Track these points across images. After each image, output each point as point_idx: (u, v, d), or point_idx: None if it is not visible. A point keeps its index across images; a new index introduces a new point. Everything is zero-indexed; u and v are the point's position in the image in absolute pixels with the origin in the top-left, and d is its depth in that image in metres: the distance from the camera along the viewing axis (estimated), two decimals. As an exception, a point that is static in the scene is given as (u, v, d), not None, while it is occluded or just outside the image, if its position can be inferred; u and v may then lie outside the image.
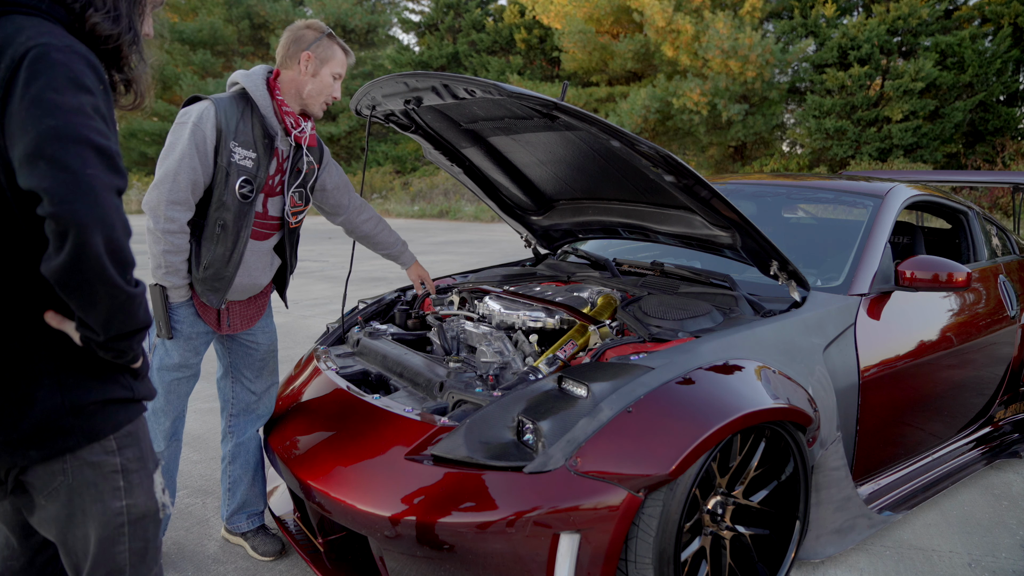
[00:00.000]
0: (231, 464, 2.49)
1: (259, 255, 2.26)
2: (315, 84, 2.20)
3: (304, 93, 2.20)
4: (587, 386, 1.88)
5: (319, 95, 2.22)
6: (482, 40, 25.39)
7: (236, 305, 2.31)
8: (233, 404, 2.47)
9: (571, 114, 1.96)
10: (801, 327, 2.35)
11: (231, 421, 2.48)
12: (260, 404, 2.48)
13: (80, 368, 1.21)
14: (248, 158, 2.11)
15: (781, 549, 2.20)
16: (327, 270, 9.58)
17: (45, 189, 1.01)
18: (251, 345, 2.41)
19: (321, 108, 2.26)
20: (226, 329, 2.29)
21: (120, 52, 1.22)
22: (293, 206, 2.30)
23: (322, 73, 2.19)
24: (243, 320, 2.34)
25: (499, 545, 1.74)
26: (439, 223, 18.36)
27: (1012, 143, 16.69)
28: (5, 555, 1.40)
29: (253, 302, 2.37)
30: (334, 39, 2.22)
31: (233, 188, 2.09)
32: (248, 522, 2.51)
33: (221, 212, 2.10)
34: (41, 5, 1.13)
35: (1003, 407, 3.43)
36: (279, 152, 2.21)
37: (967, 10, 18.05)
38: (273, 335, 2.47)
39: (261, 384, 2.46)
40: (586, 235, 3.30)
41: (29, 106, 1.03)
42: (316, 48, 2.17)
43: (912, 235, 3.86)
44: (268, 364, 2.46)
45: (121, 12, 1.21)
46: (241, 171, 2.10)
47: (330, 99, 2.25)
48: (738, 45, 16.95)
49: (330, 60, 2.20)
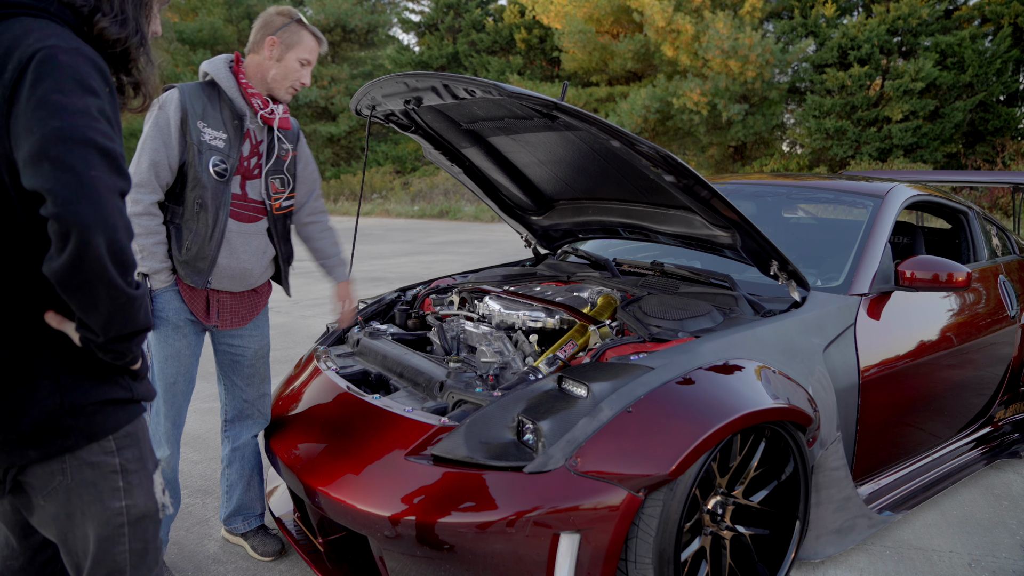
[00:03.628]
0: (228, 468, 2.48)
1: (244, 237, 2.23)
2: (279, 69, 2.20)
3: (268, 77, 2.20)
4: (587, 386, 1.88)
5: (283, 80, 2.22)
6: (482, 40, 25.39)
7: (228, 298, 2.27)
8: (227, 410, 2.46)
9: (571, 114, 1.96)
10: (801, 327, 2.35)
11: (226, 426, 2.47)
12: (254, 411, 2.46)
13: (79, 369, 1.21)
14: (219, 139, 2.13)
15: (781, 549, 2.20)
16: (327, 270, 9.56)
17: (49, 190, 1.02)
18: (237, 350, 2.37)
19: (288, 93, 2.25)
20: (215, 321, 2.26)
21: (128, 55, 1.23)
22: (275, 192, 2.29)
23: (287, 58, 2.20)
24: (234, 317, 2.30)
25: (499, 545, 1.74)
26: (439, 223, 18.36)
27: (1012, 143, 16.69)
28: (5, 554, 1.41)
29: (246, 299, 2.33)
30: (303, 25, 2.22)
31: (207, 166, 2.11)
32: (244, 524, 2.51)
33: (198, 191, 2.11)
34: (49, 8, 1.13)
35: (1003, 407, 3.43)
36: (251, 133, 2.22)
37: (967, 10, 18.05)
38: (264, 340, 2.43)
39: (252, 392, 2.43)
40: (586, 235, 3.30)
41: (35, 107, 1.03)
42: (283, 33, 2.18)
43: (912, 235, 3.86)
44: (258, 371, 2.43)
45: (128, 15, 1.22)
46: (213, 150, 2.12)
47: (298, 85, 2.25)
48: (738, 45, 16.95)
49: (296, 46, 2.20)
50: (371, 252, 11.42)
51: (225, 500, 2.52)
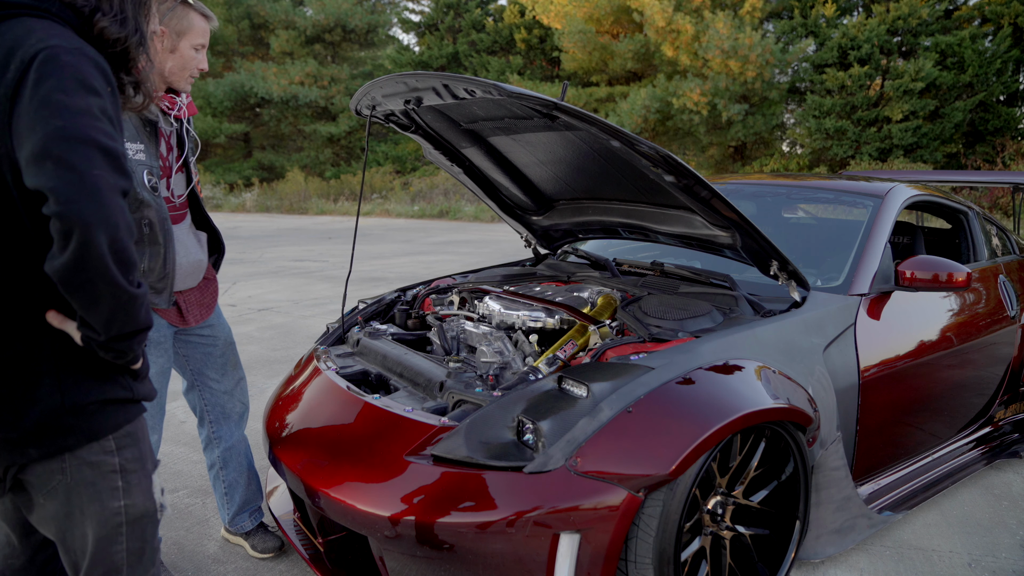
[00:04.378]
0: (223, 470, 2.47)
1: (182, 236, 2.18)
2: (175, 60, 2.04)
3: (166, 71, 2.05)
4: (587, 386, 1.88)
5: (182, 71, 2.07)
6: (482, 40, 25.39)
7: (192, 293, 2.25)
8: (209, 412, 2.44)
9: (571, 114, 1.96)
10: (801, 327, 2.35)
11: (213, 428, 2.45)
12: (236, 403, 2.45)
13: (80, 368, 1.22)
14: (139, 151, 1.99)
15: (781, 549, 2.20)
16: (327, 270, 9.58)
17: (51, 188, 1.03)
18: (208, 340, 2.35)
19: (187, 83, 2.12)
20: (191, 321, 2.24)
21: (128, 54, 1.24)
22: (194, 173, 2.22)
23: (181, 47, 2.04)
24: (202, 308, 2.28)
25: (499, 545, 1.74)
26: (439, 223, 18.35)
27: (1012, 143, 16.69)
28: (6, 553, 1.41)
29: (207, 287, 2.30)
30: (189, 6, 2.07)
31: (143, 182, 1.96)
32: (251, 519, 2.52)
33: (142, 211, 1.97)
34: (52, 8, 1.14)
35: (1003, 407, 3.43)
36: (163, 132, 2.12)
37: (967, 10, 18.04)
38: (227, 326, 2.43)
39: (228, 381, 2.43)
40: (586, 235, 3.30)
41: (38, 107, 1.04)
42: (169, 20, 2.00)
43: (912, 235, 3.86)
44: (229, 358, 2.42)
45: (128, 15, 1.23)
46: (139, 165, 1.96)
47: (196, 72, 2.12)
48: (738, 45, 16.95)
49: (188, 32, 2.04)
50: (371, 252, 11.42)
51: (226, 501, 2.51)
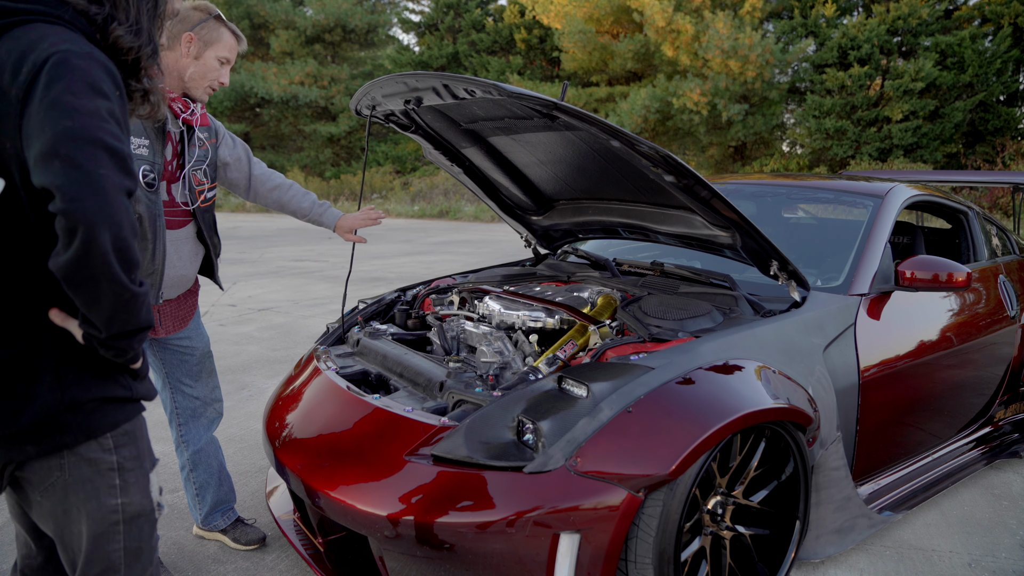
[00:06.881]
0: (194, 471, 2.46)
1: (176, 244, 2.18)
2: (197, 67, 2.10)
3: (186, 76, 2.10)
4: (587, 386, 1.88)
5: (202, 79, 2.12)
6: (482, 40, 25.39)
7: (169, 305, 2.25)
8: (179, 414, 2.43)
9: (571, 114, 1.96)
10: (801, 327, 2.35)
11: (181, 431, 2.44)
12: (208, 409, 2.45)
13: (80, 366, 1.23)
14: (142, 146, 1.99)
15: (781, 549, 2.20)
16: (327, 270, 9.58)
17: (58, 186, 1.05)
18: (185, 350, 2.35)
19: (205, 93, 2.15)
20: (161, 332, 2.24)
21: (139, 64, 1.26)
22: (197, 184, 2.22)
23: (206, 56, 2.10)
24: (175, 321, 2.28)
25: (499, 545, 1.74)
26: (439, 223, 18.36)
27: (1012, 143, 16.70)
28: (24, 553, 1.45)
29: (184, 301, 2.31)
30: (223, 22, 2.12)
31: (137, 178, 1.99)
32: (224, 519, 2.52)
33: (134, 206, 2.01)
34: (64, 15, 1.17)
35: (1003, 407, 3.43)
36: (172, 135, 2.13)
37: (967, 10, 18.05)
38: (206, 337, 2.43)
39: (202, 388, 2.42)
40: (586, 235, 3.30)
41: (48, 108, 1.07)
42: (200, 30, 2.07)
43: (912, 235, 3.86)
44: (205, 367, 2.42)
45: (143, 26, 1.26)
46: (139, 159, 1.96)
47: (216, 84, 2.15)
48: (738, 45, 16.96)
49: (215, 43, 2.10)
50: (371, 252, 11.42)
51: (197, 503, 2.50)
